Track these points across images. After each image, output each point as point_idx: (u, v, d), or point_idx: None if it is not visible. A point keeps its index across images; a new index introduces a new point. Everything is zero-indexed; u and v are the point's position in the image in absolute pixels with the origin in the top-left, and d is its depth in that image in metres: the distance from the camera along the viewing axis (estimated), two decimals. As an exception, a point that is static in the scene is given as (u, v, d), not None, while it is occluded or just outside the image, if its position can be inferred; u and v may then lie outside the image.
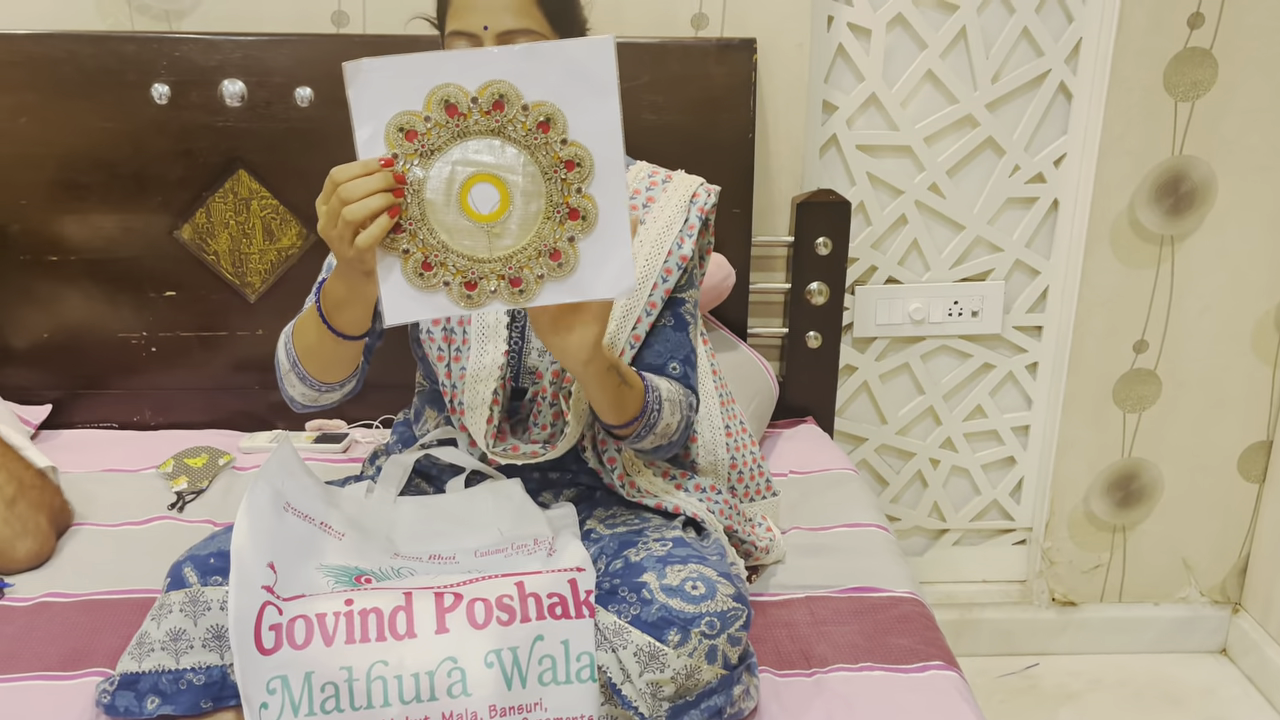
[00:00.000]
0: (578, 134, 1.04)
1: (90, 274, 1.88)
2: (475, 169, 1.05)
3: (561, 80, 1.02)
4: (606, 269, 1.07)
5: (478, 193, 1.05)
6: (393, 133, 1.03)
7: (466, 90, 1.02)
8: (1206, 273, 2.11)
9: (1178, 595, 2.35)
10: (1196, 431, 2.22)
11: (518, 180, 1.05)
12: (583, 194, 1.05)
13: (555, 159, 1.04)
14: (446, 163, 1.04)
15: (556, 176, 1.05)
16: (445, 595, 1.15)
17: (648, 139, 1.84)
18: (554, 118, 1.03)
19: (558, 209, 1.06)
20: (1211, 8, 1.94)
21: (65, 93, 1.79)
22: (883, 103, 2.02)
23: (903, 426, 2.25)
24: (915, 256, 2.13)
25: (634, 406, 1.25)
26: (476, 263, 1.07)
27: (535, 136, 1.04)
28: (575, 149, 1.04)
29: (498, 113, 1.03)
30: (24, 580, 1.47)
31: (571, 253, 1.07)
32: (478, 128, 1.03)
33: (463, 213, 1.05)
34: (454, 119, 1.03)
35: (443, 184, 1.05)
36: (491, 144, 1.04)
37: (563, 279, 1.07)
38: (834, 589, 1.46)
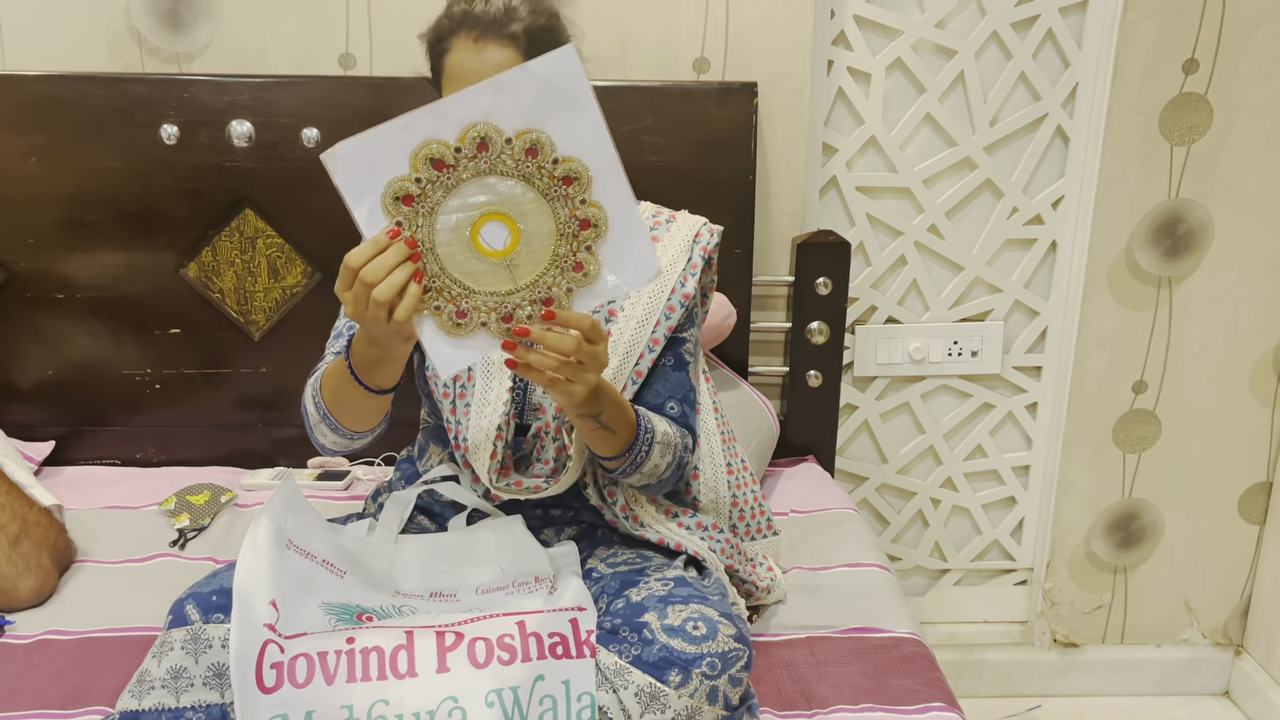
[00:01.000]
0: (567, 148, 1.04)
1: (96, 312, 1.89)
2: (479, 211, 1.06)
3: (535, 102, 1.02)
4: (628, 265, 1.08)
5: (487, 232, 1.06)
6: (389, 203, 1.04)
7: (448, 142, 1.03)
8: (1204, 314, 2.12)
9: (1180, 637, 2.34)
10: (1196, 472, 2.23)
11: (522, 210, 1.06)
12: (588, 203, 1.06)
13: (551, 179, 1.05)
14: (449, 213, 1.05)
15: (558, 195, 1.06)
16: (446, 634, 1.15)
17: (650, 179, 1.86)
18: (539, 142, 1.03)
19: (568, 224, 1.07)
20: (1206, 54, 1.97)
21: (75, 133, 1.81)
22: (882, 145, 2.04)
23: (903, 466, 2.25)
24: (915, 297, 2.14)
25: (622, 444, 1.26)
26: (506, 296, 1.08)
27: (526, 164, 1.04)
28: (569, 165, 1.05)
29: (484, 154, 1.03)
30: (25, 618, 1.47)
31: (592, 260, 1.08)
32: (469, 173, 1.04)
33: (479, 255, 1.06)
34: (444, 172, 1.04)
35: (452, 234, 1.06)
36: (486, 183, 1.05)
37: (590, 286, 1.09)
38: (835, 629, 1.46)
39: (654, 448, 1.30)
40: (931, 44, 2.00)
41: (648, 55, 1.91)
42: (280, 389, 1.95)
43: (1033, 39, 1.99)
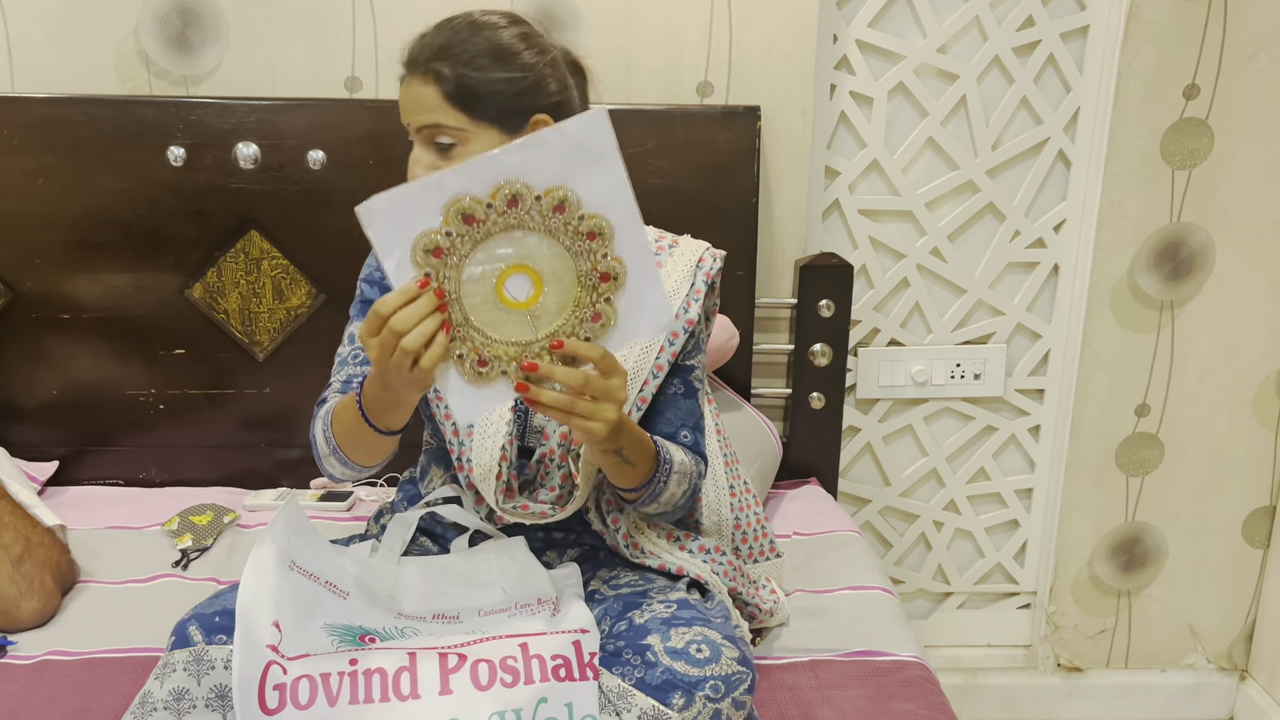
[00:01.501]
0: (592, 205, 1.06)
1: (101, 332, 1.90)
2: (504, 264, 1.07)
3: (565, 161, 1.05)
4: (645, 314, 1.11)
5: (512, 283, 1.08)
6: (419, 255, 1.06)
7: (480, 198, 1.05)
8: (1206, 338, 2.12)
9: (1184, 662, 2.33)
10: (1200, 496, 2.22)
11: (546, 263, 1.08)
12: (610, 257, 1.08)
13: (576, 234, 1.07)
14: (475, 265, 1.07)
15: (581, 250, 1.08)
16: (449, 656, 1.15)
17: (653, 203, 1.86)
18: (567, 199, 1.05)
19: (589, 277, 1.09)
20: (1207, 79, 1.98)
21: (83, 155, 1.82)
22: (884, 169, 2.06)
23: (906, 488, 2.25)
24: (917, 319, 2.15)
25: (643, 477, 1.28)
26: (527, 346, 1.10)
27: (553, 220, 1.06)
28: (594, 220, 1.07)
29: (514, 209, 1.05)
30: (27, 638, 1.47)
31: (611, 311, 1.10)
32: (498, 227, 1.06)
33: (503, 305, 1.08)
34: (473, 226, 1.06)
35: (477, 285, 1.07)
36: (513, 237, 1.07)
37: (607, 335, 1.11)
38: (838, 653, 1.45)
39: (672, 477, 1.32)
40: (933, 68, 2.01)
41: (651, 79, 1.92)
42: (284, 410, 1.95)
43: (1034, 64, 2.01)
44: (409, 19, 1.87)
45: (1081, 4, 1.99)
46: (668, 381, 1.39)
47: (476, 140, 1.26)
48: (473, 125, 1.26)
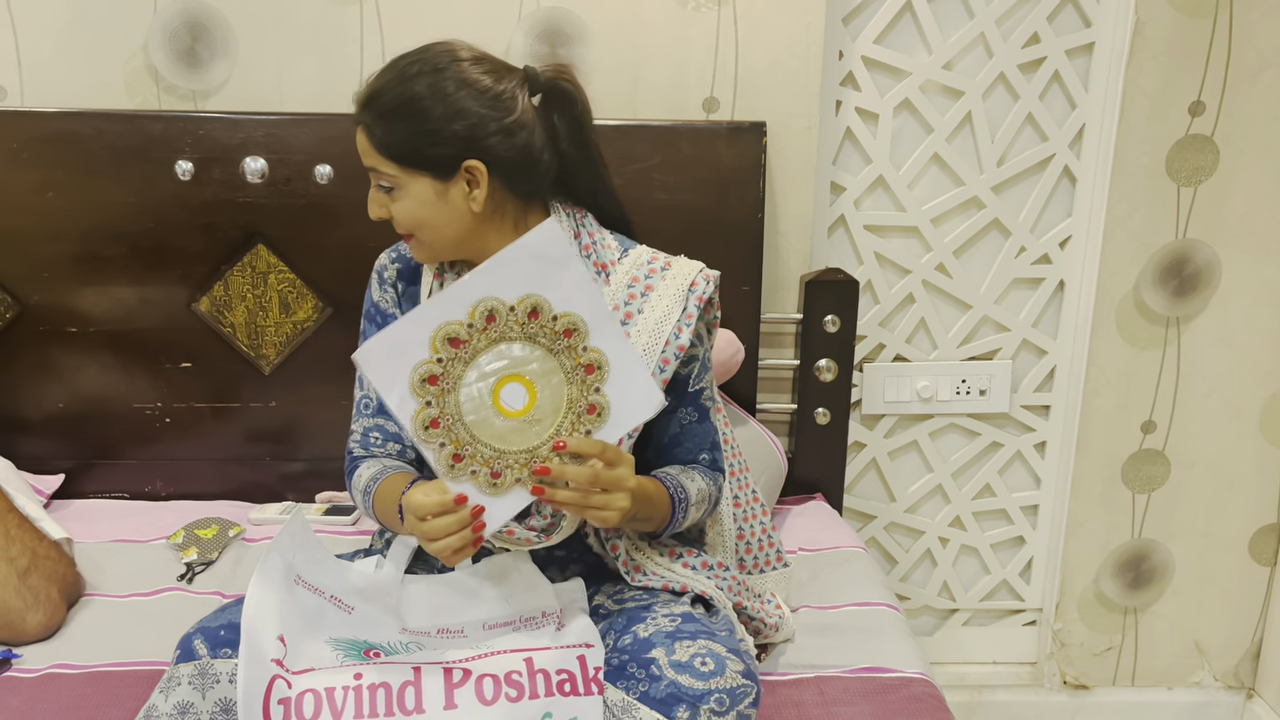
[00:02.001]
0: (562, 305, 1.15)
1: (108, 345, 1.90)
2: (495, 377, 1.15)
3: (529, 271, 1.14)
4: (634, 397, 1.18)
5: (507, 394, 1.16)
6: (418, 386, 1.13)
7: (460, 320, 1.13)
8: (1213, 354, 2.12)
9: (1191, 680, 2.32)
10: (1207, 513, 2.22)
11: (533, 368, 1.15)
12: (588, 350, 1.16)
13: (554, 335, 1.15)
14: (470, 384, 1.14)
15: (562, 348, 1.16)
16: (454, 671, 1.15)
17: (659, 218, 1.87)
18: (539, 305, 1.15)
19: (575, 372, 1.16)
20: (1212, 96, 1.98)
21: (92, 169, 1.83)
22: (890, 184, 2.06)
23: (911, 504, 2.25)
24: (923, 335, 2.15)
25: (658, 525, 1.33)
26: (534, 451, 1.17)
27: (531, 326, 1.14)
28: (567, 319, 1.16)
29: (493, 324, 1.14)
30: (32, 651, 1.47)
31: (603, 400, 1.17)
32: (483, 342, 1.14)
33: (504, 417, 1.16)
34: (460, 348, 1.13)
35: (476, 402, 1.15)
36: (498, 350, 1.14)
37: (605, 424, 1.18)
38: (844, 669, 1.45)
39: (689, 512, 1.36)
40: (939, 85, 2.01)
41: (658, 95, 1.93)
42: (290, 424, 1.96)
43: (1040, 80, 2.01)
44: (417, 35, 1.87)
45: (1087, 21, 1.99)
46: (680, 411, 1.40)
47: (411, 186, 1.29)
48: (403, 173, 1.29)
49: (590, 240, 1.39)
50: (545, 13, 1.89)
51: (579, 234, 1.39)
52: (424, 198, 1.29)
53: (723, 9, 1.90)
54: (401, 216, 1.31)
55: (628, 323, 1.36)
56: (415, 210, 1.30)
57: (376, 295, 1.43)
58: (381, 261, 1.43)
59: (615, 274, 1.39)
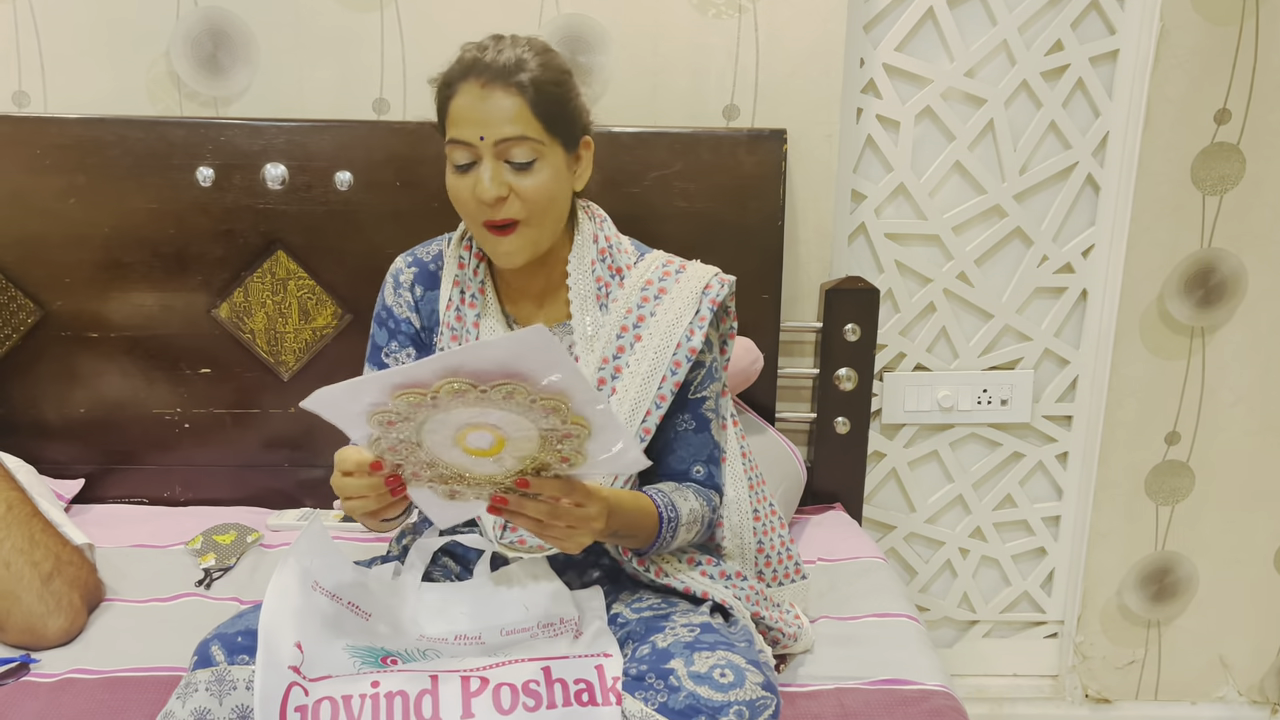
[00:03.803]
0: (543, 389, 1.02)
1: (129, 351, 1.91)
2: (462, 427, 1.06)
3: (508, 361, 1.00)
4: (612, 454, 1.10)
5: (473, 438, 1.07)
6: (375, 423, 1.06)
7: (425, 391, 1.02)
8: (1238, 365, 2.10)
9: (1215, 694, 2.29)
10: (1231, 526, 2.19)
11: (503, 422, 1.05)
12: (569, 422, 1.05)
13: (532, 406, 1.04)
14: (433, 428, 1.06)
15: (540, 420, 1.05)
16: (471, 679, 1.14)
17: (679, 225, 1.87)
18: (516, 391, 1.02)
19: (551, 434, 1.07)
20: (1238, 104, 1.96)
21: (113, 175, 1.84)
22: (911, 192, 2.05)
23: (932, 515, 2.23)
24: (944, 344, 2.13)
25: (645, 542, 1.31)
26: (496, 483, 1.12)
27: (505, 404, 1.03)
28: (547, 401, 1.03)
29: (460, 399, 1.03)
30: (50, 656, 1.47)
31: (579, 455, 1.09)
32: (447, 407, 1.04)
33: (466, 453, 1.09)
34: (419, 411, 1.04)
35: (440, 436, 1.07)
36: (470, 411, 1.04)
37: (576, 469, 1.12)
38: (864, 680, 1.44)
39: (679, 531, 1.34)
40: (961, 92, 2.00)
41: (678, 101, 1.93)
42: (308, 430, 1.96)
43: (1063, 88, 2.00)
44: (437, 42, 1.88)
45: (1111, 28, 1.98)
46: (677, 417, 1.39)
47: (550, 156, 1.27)
48: (548, 141, 1.27)
49: (607, 244, 1.39)
50: (566, 20, 1.89)
51: (597, 237, 1.39)
52: (559, 170, 1.29)
53: (743, 16, 1.89)
54: (536, 192, 1.27)
55: (641, 326, 1.35)
56: (550, 185, 1.28)
57: (390, 299, 1.42)
58: (397, 266, 1.43)
59: (630, 277, 1.39)
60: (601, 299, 1.37)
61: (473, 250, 1.39)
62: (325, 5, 1.87)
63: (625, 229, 1.48)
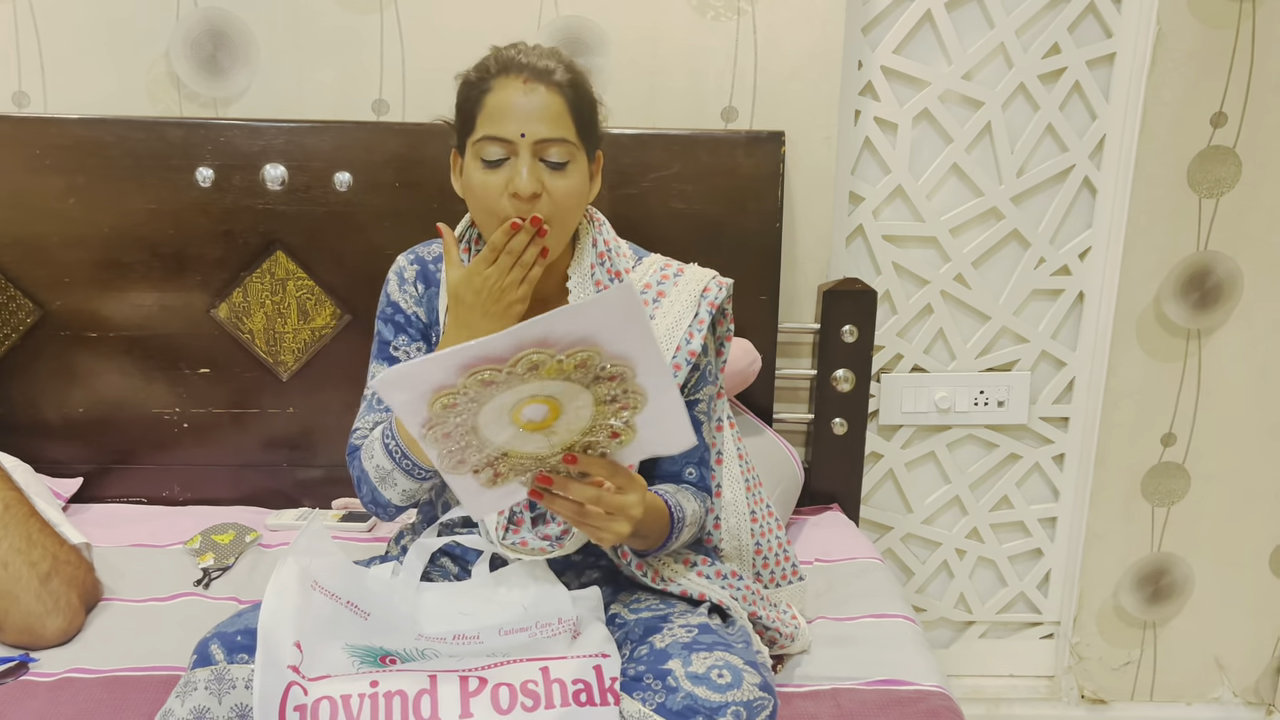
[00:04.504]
0: (615, 354, 1.03)
1: (127, 350, 1.91)
2: (521, 400, 1.05)
3: (589, 328, 1.00)
4: (663, 433, 1.10)
5: (528, 411, 1.06)
6: (436, 409, 1.03)
7: (499, 366, 1.01)
8: (1234, 367, 2.10)
9: (1210, 695, 2.30)
10: (1227, 527, 2.20)
11: (563, 396, 1.05)
12: (629, 392, 1.06)
13: (597, 379, 1.05)
14: (494, 401, 1.04)
15: (601, 387, 1.05)
16: (470, 679, 1.14)
17: (677, 226, 1.87)
18: (589, 359, 1.02)
19: (608, 403, 1.07)
20: (1234, 107, 1.97)
21: (113, 175, 1.84)
22: (908, 194, 2.05)
23: (929, 516, 2.24)
24: (941, 345, 2.14)
25: (655, 543, 1.32)
26: (542, 460, 1.11)
27: (574, 374, 1.03)
28: (616, 368, 1.04)
29: (533, 373, 1.02)
30: (49, 655, 1.47)
31: (629, 430, 1.10)
32: (517, 383, 1.03)
33: (518, 428, 1.07)
34: (490, 389, 1.03)
35: (494, 414, 1.05)
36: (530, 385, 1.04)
37: (624, 449, 1.11)
38: (861, 681, 1.44)
39: (684, 532, 1.35)
40: (958, 95, 2.01)
41: (677, 103, 1.93)
42: (307, 430, 1.96)
43: (1060, 91, 2.00)
44: (437, 43, 1.89)
45: (1108, 31, 1.99)
46: None
47: (580, 162, 1.28)
48: (579, 145, 1.28)
49: (606, 248, 1.39)
50: (565, 22, 1.89)
51: (596, 240, 1.39)
52: (584, 176, 1.29)
53: (742, 19, 1.90)
54: (566, 195, 1.26)
55: None
56: (579, 188, 1.28)
57: (396, 294, 1.41)
58: (400, 264, 1.43)
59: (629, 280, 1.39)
60: None
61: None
62: (325, 6, 1.87)
63: (623, 231, 1.48)
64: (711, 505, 1.45)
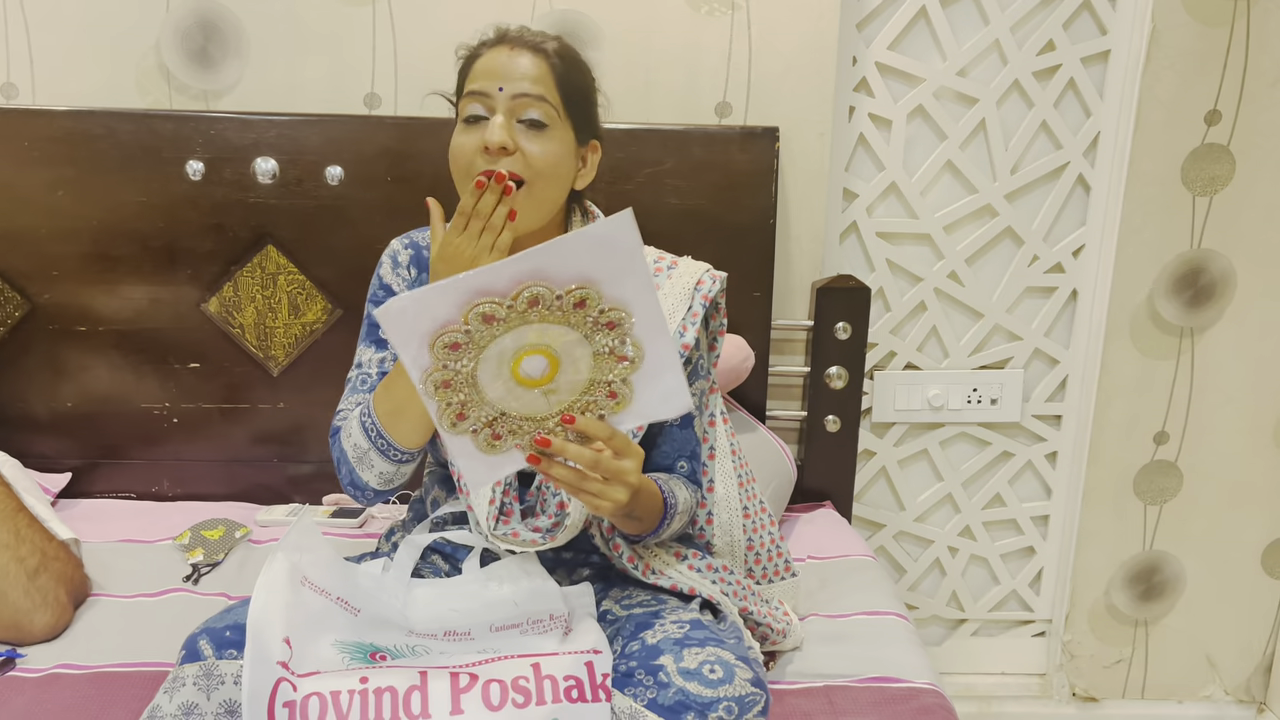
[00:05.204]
0: (613, 297, 1.05)
1: (117, 345, 1.90)
2: (521, 348, 1.06)
3: (589, 260, 1.03)
4: (660, 396, 1.10)
5: (528, 364, 1.07)
6: (439, 350, 1.04)
7: (500, 300, 1.03)
8: (1227, 366, 2.11)
9: (1201, 693, 2.30)
10: (1219, 526, 2.20)
11: (562, 346, 1.06)
12: (628, 342, 1.07)
13: (595, 325, 1.06)
14: (493, 350, 1.05)
15: (599, 334, 1.07)
16: (460, 675, 1.14)
17: (671, 222, 1.87)
18: (588, 296, 1.04)
19: (606, 357, 1.08)
20: (1229, 105, 1.97)
21: (102, 168, 1.83)
22: (903, 191, 2.05)
23: (921, 513, 2.24)
24: (934, 343, 2.14)
25: (648, 527, 1.31)
26: (541, 422, 1.10)
27: (573, 315, 1.05)
28: (614, 312, 1.05)
29: (534, 309, 1.03)
30: (36, 651, 1.46)
31: (626, 390, 1.10)
32: (516, 324, 1.04)
33: (518, 384, 1.07)
34: (492, 325, 1.04)
35: (493, 367, 1.06)
36: (533, 328, 1.05)
37: (621, 413, 1.11)
38: (853, 678, 1.44)
39: (676, 519, 1.34)
40: (953, 92, 2.00)
41: (671, 99, 1.92)
42: (298, 425, 1.95)
43: (1054, 88, 2.00)
44: (429, 36, 1.88)
45: (1103, 29, 1.98)
46: None
47: (560, 131, 1.27)
48: (562, 116, 1.28)
49: None
50: (559, 15, 1.89)
51: None
52: (566, 150, 1.29)
53: (736, 13, 1.89)
54: (539, 158, 1.26)
55: None
56: (556, 155, 1.27)
57: (388, 276, 1.40)
58: (394, 247, 1.42)
59: None
60: None
61: None
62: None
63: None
64: (703, 499, 1.45)
